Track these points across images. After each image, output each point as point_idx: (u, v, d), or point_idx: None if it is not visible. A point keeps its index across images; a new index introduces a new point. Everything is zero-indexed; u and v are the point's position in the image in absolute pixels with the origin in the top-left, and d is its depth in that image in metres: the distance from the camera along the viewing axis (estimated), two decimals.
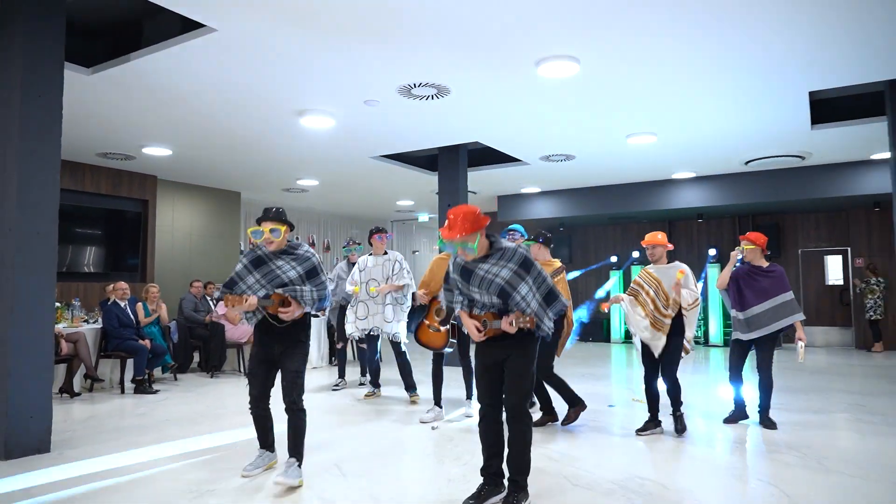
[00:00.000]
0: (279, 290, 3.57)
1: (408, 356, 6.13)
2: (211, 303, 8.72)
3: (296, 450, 3.56)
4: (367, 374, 7.13)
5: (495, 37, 4.86)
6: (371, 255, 6.27)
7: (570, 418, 5.06)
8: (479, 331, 3.21)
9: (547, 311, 3.18)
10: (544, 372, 4.95)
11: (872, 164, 9.33)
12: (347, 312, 6.33)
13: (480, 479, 3.29)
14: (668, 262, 4.86)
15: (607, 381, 7.67)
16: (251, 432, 4.74)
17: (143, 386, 6.73)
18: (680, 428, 4.67)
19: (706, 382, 7.35)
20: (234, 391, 6.90)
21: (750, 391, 5.28)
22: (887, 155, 8.26)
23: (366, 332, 6.15)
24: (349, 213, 14.83)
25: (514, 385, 3.18)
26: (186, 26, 4.92)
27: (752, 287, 5.02)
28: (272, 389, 3.72)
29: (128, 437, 4.78)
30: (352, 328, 6.21)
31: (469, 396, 5.52)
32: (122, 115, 6.83)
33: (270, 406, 3.76)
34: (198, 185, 11.05)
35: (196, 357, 8.58)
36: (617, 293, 4.97)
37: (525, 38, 4.90)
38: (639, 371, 8.68)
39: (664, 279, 4.74)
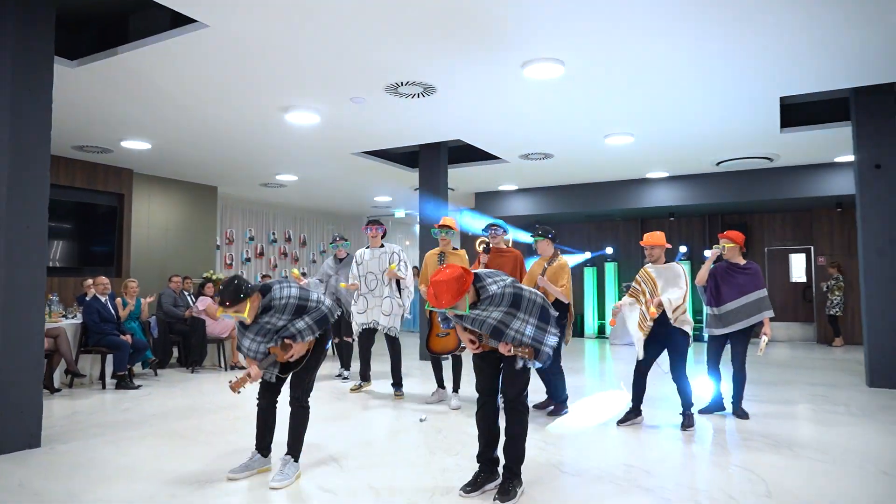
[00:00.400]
0: (272, 346, 3.59)
1: (401, 352, 6.22)
2: (190, 298, 8.67)
3: (294, 446, 3.64)
4: (349, 368, 7.29)
5: (484, 38, 4.98)
6: (368, 248, 6.30)
7: (553, 411, 5.27)
8: (474, 343, 3.34)
9: (548, 328, 3.25)
10: (554, 365, 5.17)
11: (836, 167, 9.74)
12: (352, 309, 6.33)
13: (475, 468, 3.42)
14: (667, 262, 4.98)
15: (583, 374, 7.89)
16: (243, 428, 4.80)
17: (125, 381, 6.69)
18: (687, 424, 4.74)
19: None
20: (216, 388, 6.90)
21: (724, 383, 5.50)
22: (851, 158, 8.63)
23: (365, 326, 6.18)
24: (326, 208, 14.81)
25: (512, 380, 3.30)
26: (177, 21, 4.93)
27: (728, 283, 5.22)
28: (283, 385, 3.78)
29: (117, 431, 4.78)
30: (355, 326, 6.27)
31: (456, 389, 5.66)
32: (103, 108, 6.76)
33: (277, 404, 3.79)
34: (174, 179, 10.93)
35: (175, 352, 8.54)
36: (615, 304, 5.08)
37: (513, 40, 5.03)
38: (612, 364, 8.95)
39: (660, 279, 4.88)
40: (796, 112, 7.70)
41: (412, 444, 4.42)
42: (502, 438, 3.37)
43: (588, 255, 12.63)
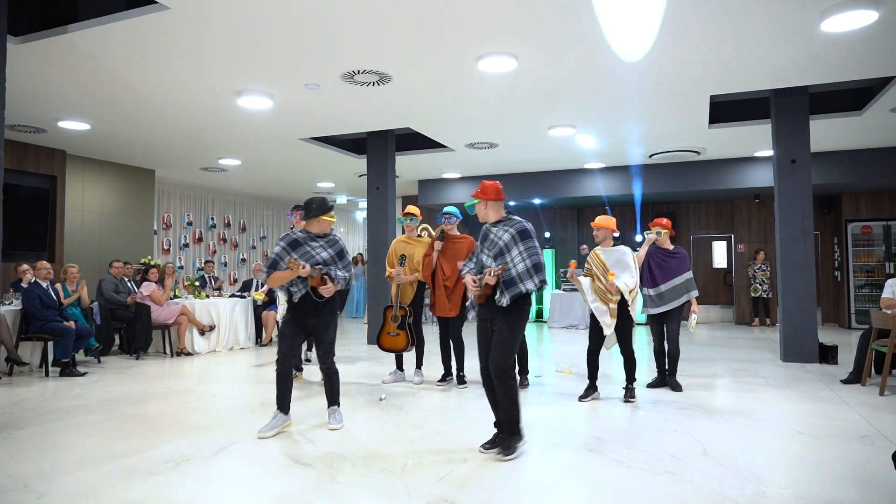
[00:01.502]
0: (319, 267, 4.20)
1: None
2: (131, 284, 8.47)
3: (335, 399, 4.41)
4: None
5: (443, 30, 5.18)
6: None
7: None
8: (475, 283, 3.81)
9: (532, 277, 3.69)
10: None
11: (756, 161, 10.54)
12: (280, 297, 5.98)
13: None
14: (614, 245, 5.31)
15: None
16: (203, 409, 4.90)
17: (70, 369, 6.54)
18: (630, 397, 5.19)
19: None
20: (166, 371, 6.85)
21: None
22: (770, 153, 9.38)
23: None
24: (267, 193, 14.63)
25: (497, 350, 3.69)
26: (134, 2, 4.86)
27: (661, 267, 5.72)
28: (298, 351, 4.33)
29: (74, 416, 4.74)
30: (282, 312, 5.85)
31: (419, 366, 5.92)
32: (44, 87, 6.53)
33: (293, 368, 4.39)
34: (110, 162, 10.57)
35: (117, 339, 8.34)
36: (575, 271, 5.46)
37: (470, 34, 5.25)
38: (550, 345, 9.41)
39: (608, 259, 5.22)
40: (723, 109, 8.31)
41: (376, 421, 4.61)
42: None
43: None
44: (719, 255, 13.29)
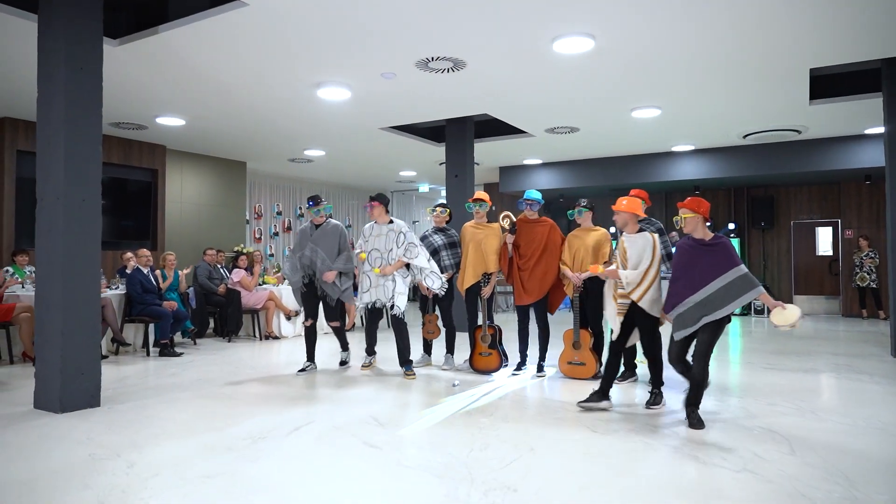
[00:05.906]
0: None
1: (408, 332, 5.88)
2: (223, 271, 8.94)
3: (450, 349, 6.17)
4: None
5: (516, 12, 5.06)
6: (375, 222, 5.96)
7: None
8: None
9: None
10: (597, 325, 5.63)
11: (865, 139, 9.65)
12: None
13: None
14: (641, 231, 4.60)
15: None
16: (285, 391, 5.10)
17: (168, 349, 7.01)
18: (652, 402, 4.58)
19: None
20: (254, 353, 7.20)
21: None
22: (881, 129, 8.56)
23: (369, 306, 5.86)
24: (352, 182, 14.99)
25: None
26: (217, 0, 5.08)
27: (697, 265, 4.08)
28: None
29: (168, 393, 5.08)
30: (360, 304, 5.93)
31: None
32: (142, 86, 6.97)
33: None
34: (205, 155, 11.18)
35: (211, 323, 8.85)
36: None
37: (544, 15, 5.10)
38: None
39: (631, 249, 4.49)
40: (826, 83, 7.65)
41: (448, 406, 4.63)
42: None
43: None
44: (824, 241, 12.32)
